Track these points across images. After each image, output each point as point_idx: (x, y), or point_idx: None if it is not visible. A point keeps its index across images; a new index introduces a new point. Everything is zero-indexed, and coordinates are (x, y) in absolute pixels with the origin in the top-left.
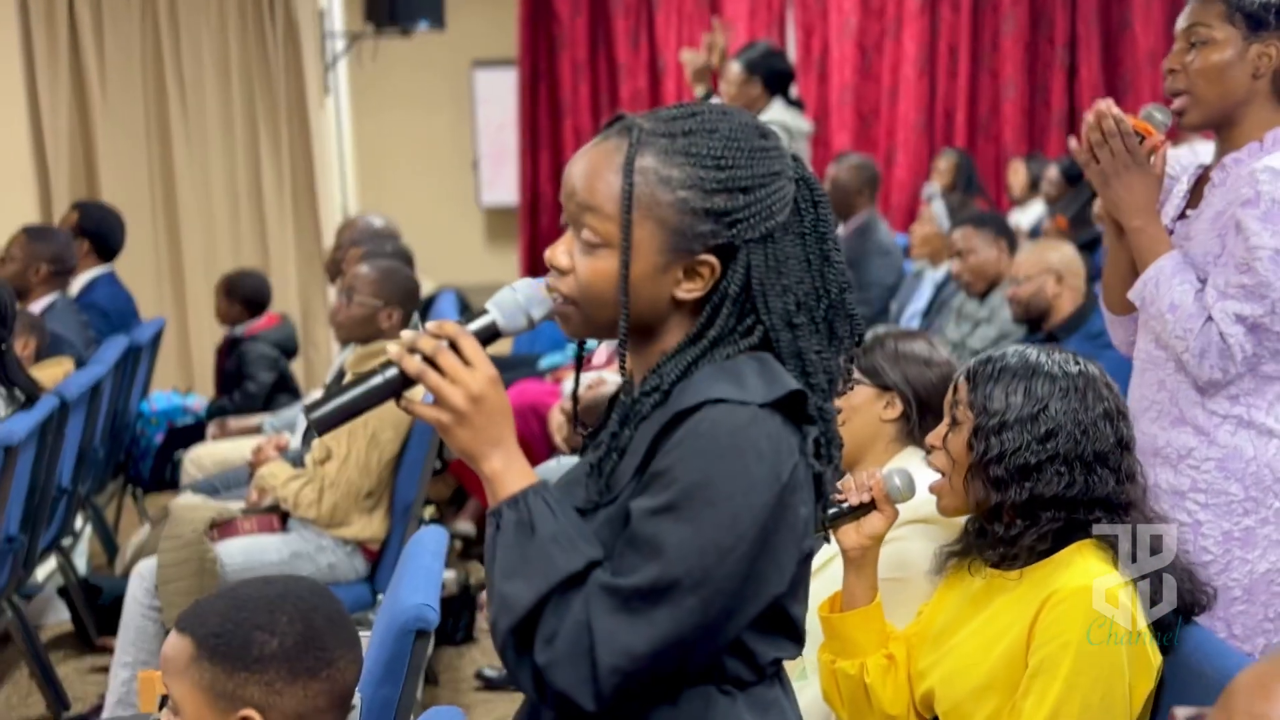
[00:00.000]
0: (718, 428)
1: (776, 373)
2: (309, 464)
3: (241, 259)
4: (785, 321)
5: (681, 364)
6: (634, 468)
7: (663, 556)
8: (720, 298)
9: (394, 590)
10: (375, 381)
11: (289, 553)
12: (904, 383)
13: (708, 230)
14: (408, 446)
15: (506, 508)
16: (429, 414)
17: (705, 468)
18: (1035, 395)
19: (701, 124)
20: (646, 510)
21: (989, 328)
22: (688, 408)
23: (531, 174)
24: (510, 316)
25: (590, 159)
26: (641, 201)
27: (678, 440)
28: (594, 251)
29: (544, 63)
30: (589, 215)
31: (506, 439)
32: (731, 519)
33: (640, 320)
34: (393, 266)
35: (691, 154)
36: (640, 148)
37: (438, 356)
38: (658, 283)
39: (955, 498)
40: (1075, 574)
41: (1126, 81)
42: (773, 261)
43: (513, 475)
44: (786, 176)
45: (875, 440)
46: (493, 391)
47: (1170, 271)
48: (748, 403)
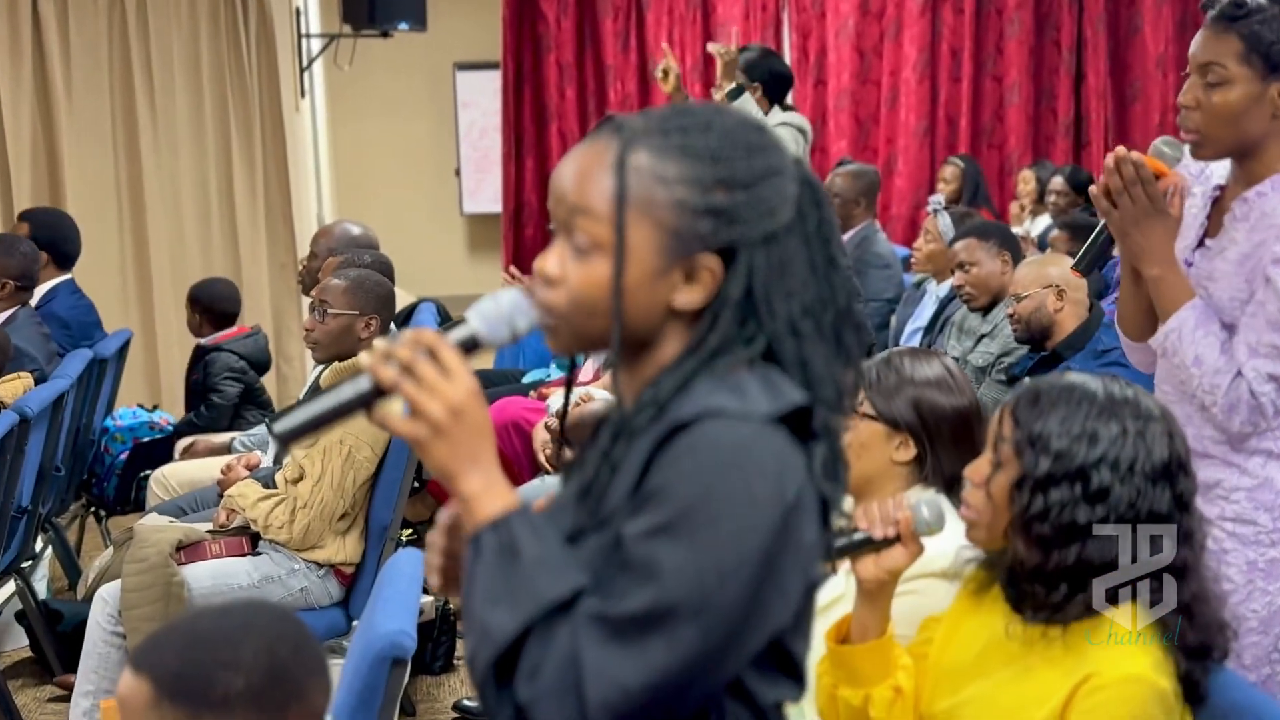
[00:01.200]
0: (718, 441)
1: (781, 385)
2: (281, 483)
3: (212, 269)
4: (789, 328)
5: (680, 376)
6: (628, 487)
7: (658, 580)
8: (721, 303)
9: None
10: (345, 392)
11: (259, 576)
12: (917, 421)
13: (707, 229)
14: (384, 466)
15: (487, 532)
16: (404, 428)
17: (704, 484)
18: (1087, 444)
19: (695, 121)
20: (640, 531)
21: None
22: (685, 421)
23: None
24: (492, 327)
25: (580, 160)
26: (636, 200)
27: (674, 455)
28: (587, 257)
29: (529, 65)
30: (580, 218)
31: (487, 457)
32: (733, 539)
33: (634, 330)
34: (363, 274)
35: (686, 150)
36: (633, 145)
37: (414, 366)
38: (655, 288)
39: (990, 536)
40: (1118, 656)
41: (1136, 88)
42: (776, 264)
43: (493, 496)
44: (788, 175)
45: (884, 478)
46: (473, 405)
47: (1194, 324)
48: (750, 415)
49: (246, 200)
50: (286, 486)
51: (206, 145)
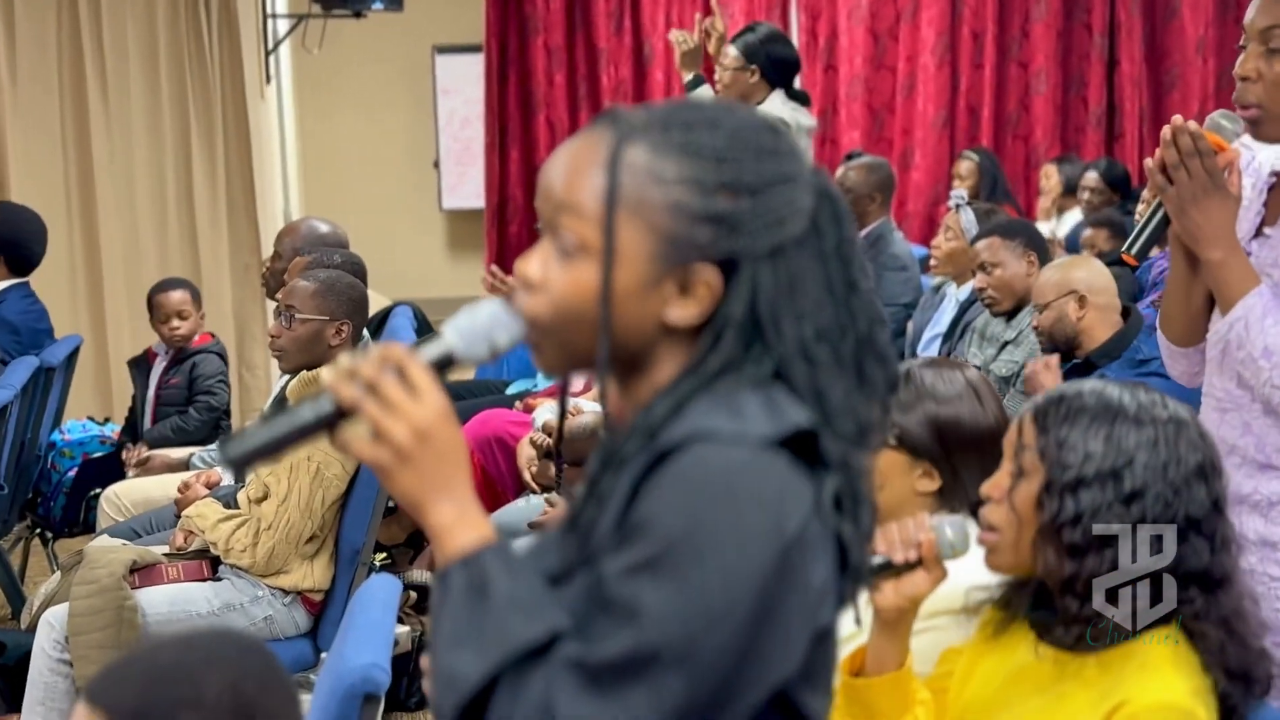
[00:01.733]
0: (707, 468)
1: (784, 405)
2: (243, 503)
3: (169, 269)
4: (801, 352)
5: (675, 399)
6: (613, 520)
7: (639, 622)
8: (724, 322)
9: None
10: (304, 413)
11: (220, 603)
12: (934, 444)
13: (706, 238)
14: (356, 484)
15: (456, 568)
16: (366, 452)
17: (691, 516)
18: (1119, 445)
19: (701, 117)
20: (621, 568)
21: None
22: (672, 445)
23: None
24: (470, 342)
25: (571, 154)
26: (628, 200)
27: (660, 484)
28: (572, 260)
29: (514, 48)
30: (566, 216)
31: (458, 485)
32: (723, 578)
33: (625, 345)
34: (333, 275)
35: (688, 149)
36: (629, 139)
37: (379, 385)
38: (645, 299)
39: (1015, 557)
40: (1152, 681)
41: (1173, 75)
42: (785, 282)
43: (464, 528)
44: (802, 184)
45: (907, 509)
46: (443, 428)
47: (1261, 311)
48: (745, 439)
49: (206, 196)
50: (250, 506)
51: (163, 136)
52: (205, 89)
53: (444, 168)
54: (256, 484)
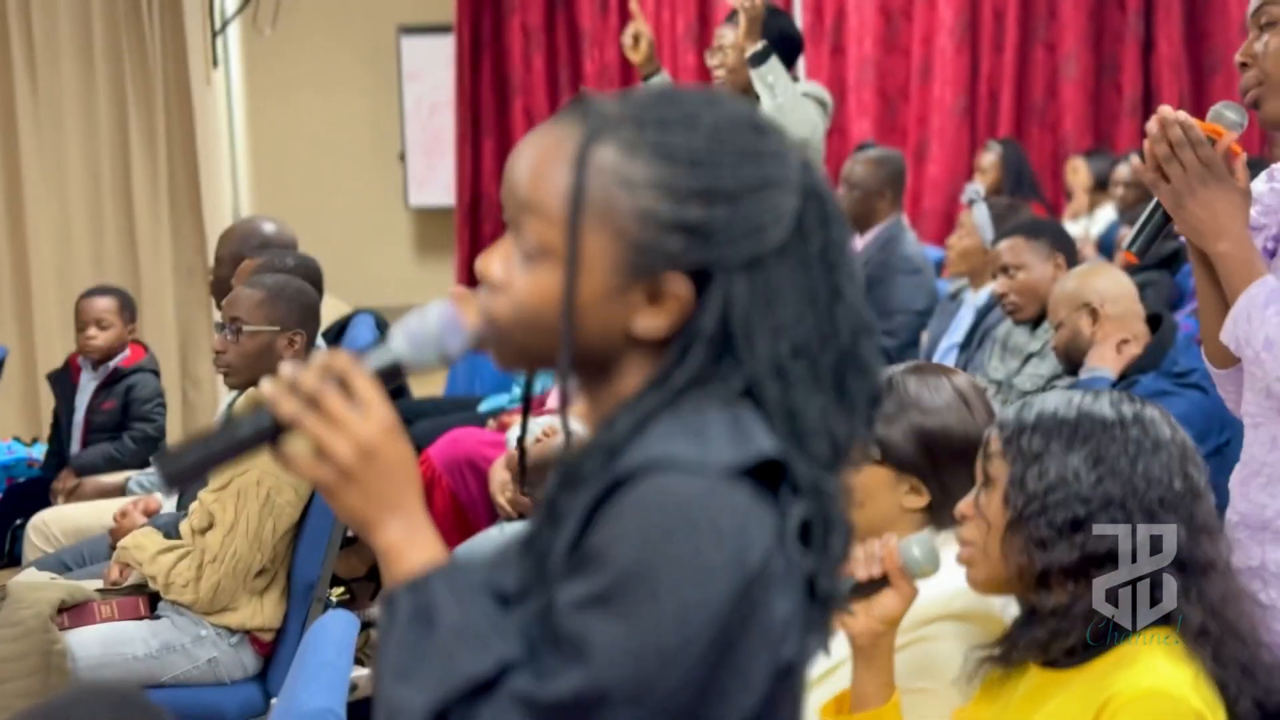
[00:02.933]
0: (664, 498)
1: (752, 432)
2: (185, 533)
3: (104, 273)
4: (773, 370)
5: (636, 416)
6: (569, 542)
7: (589, 660)
8: (691, 335)
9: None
10: (243, 428)
11: (158, 645)
12: (921, 456)
13: (676, 247)
14: (310, 512)
15: (403, 593)
16: (307, 470)
17: (645, 549)
18: (1082, 435)
19: (680, 113)
20: (572, 601)
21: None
22: (629, 472)
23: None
24: (418, 348)
25: (537, 147)
26: (595, 205)
27: (615, 513)
28: (534, 262)
29: (488, 29)
30: (529, 217)
31: (407, 503)
32: (678, 615)
33: (588, 354)
34: (280, 281)
35: (661, 149)
36: (598, 137)
37: (320, 397)
38: (610, 309)
39: (991, 567)
40: (1141, 672)
41: (1215, 58)
42: (761, 295)
43: (414, 550)
44: (786, 187)
45: (893, 526)
46: (388, 443)
47: (1264, 300)
48: (706, 468)
49: (146, 193)
50: (193, 537)
51: (98, 126)
52: (144, 73)
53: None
54: (200, 512)
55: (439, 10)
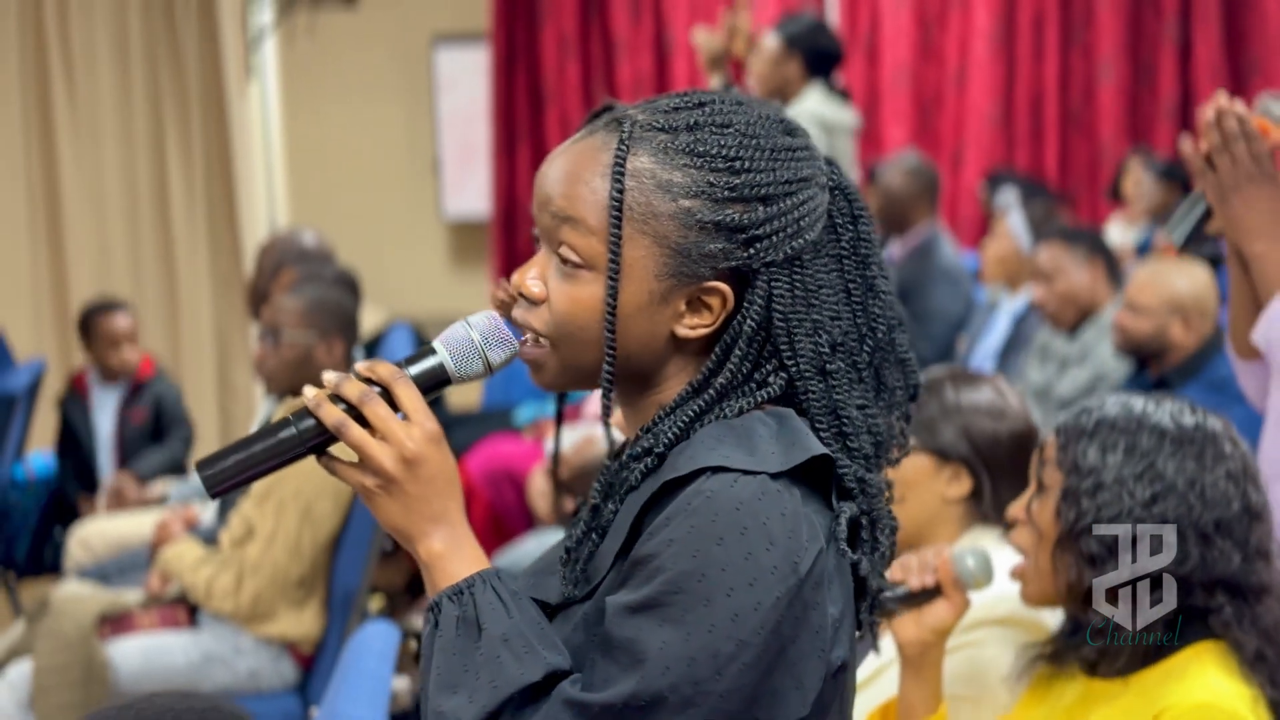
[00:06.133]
0: (716, 503)
1: (798, 433)
2: (225, 544)
3: (142, 286)
4: (816, 367)
5: (680, 421)
6: (615, 551)
7: (643, 666)
8: (733, 336)
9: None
10: (285, 434)
11: (199, 655)
12: (969, 448)
13: (718, 249)
14: (350, 522)
15: (447, 600)
16: (352, 477)
17: (699, 553)
18: (1140, 450)
19: (711, 116)
20: (624, 606)
21: (1081, 370)
22: (679, 476)
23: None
24: (462, 359)
25: (570, 159)
26: (635, 212)
27: (666, 518)
28: (573, 276)
29: (522, 38)
30: (567, 229)
31: (450, 513)
32: (732, 619)
33: (632, 364)
34: (321, 291)
35: (698, 153)
36: (633, 144)
37: (364, 406)
38: (654, 316)
39: (1042, 581)
40: (1193, 686)
41: (1253, 62)
42: (800, 291)
43: (457, 560)
44: (818, 184)
45: (936, 522)
46: (433, 453)
47: None
48: (756, 471)
49: (183, 204)
50: (231, 548)
51: (135, 138)
52: (180, 85)
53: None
54: (240, 522)
55: (473, 20)
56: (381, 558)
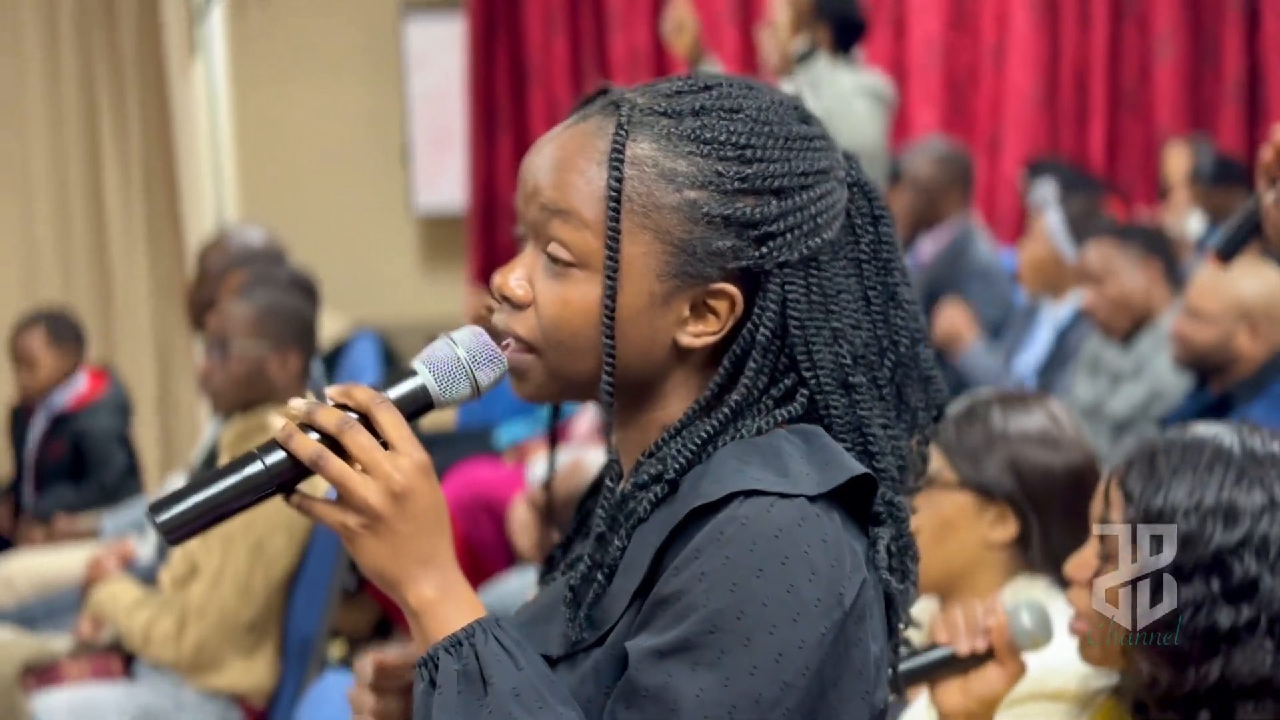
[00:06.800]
0: (753, 530)
1: (831, 452)
2: (165, 584)
3: (73, 290)
4: (839, 380)
5: (692, 442)
6: (631, 591)
7: (677, 715)
8: (744, 346)
9: None
10: (251, 470)
11: (136, 710)
12: (1016, 484)
13: (727, 247)
14: (307, 559)
15: (445, 653)
16: (331, 517)
17: (737, 587)
18: (1232, 517)
19: (718, 100)
20: (652, 651)
21: (1136, 386)
22: (708, 503)
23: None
24: (447, 380)
25: (561, 145)
26: (635, 204)
27: (695, 550)
28: (565, 275)
29: (503, 9)
30: (558, 223)
31: (441, 555)
32: (774, 662)
33: (629, 376)
34: (274, 296)
35: (705, 140)
36: (633, 129)
37: (343, 436)
38: (654, 322)
39: (1104, 654)
40: None
41: None
42: (818, 295)
43: (452, 606)
44: (836, 178)
45: (977, 569)
46: (423, 485)
47: None
48: (794, 494)
49: (119, 196)
50: (173, 589)
51: (65, 124)
52: (116, 62)
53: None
54: (182, 559)
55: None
56: (343, 598)
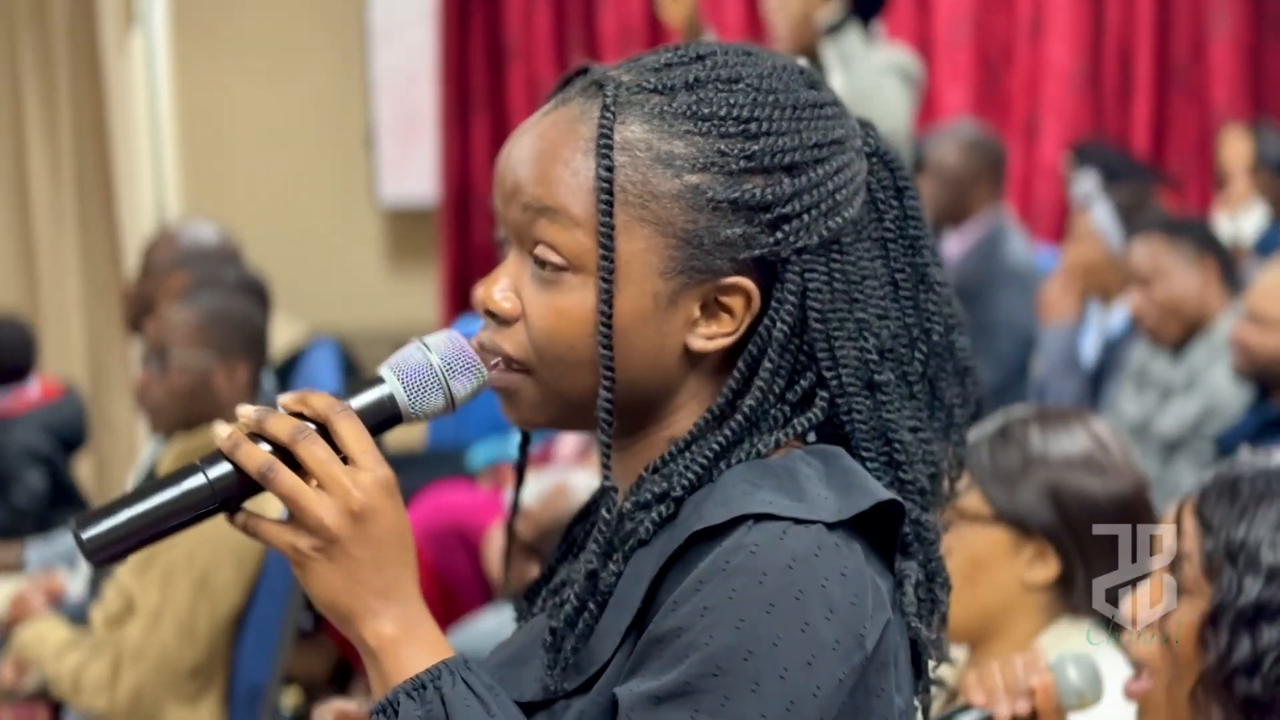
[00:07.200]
0: (763, 559)
1: (853, 474)
2: (98, 623)
3: None
4: (863, 379)
5: (702, 457)
6: (622, 629)
7: None
8: (760, 345)
9: None
10: (192, 484)
11: None
12: (1056, 516)
13: (737, 235)
14: (257, 595)
15: (406, 697)
16: (280, 538)
17: (744, 624)
18: None
19: (714, 71)
20: (646, 696)
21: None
22: (711, 526)
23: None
24: (418, 390)
25: (540, 135)
26: (629, 194)
27: (696, 581)
28: (555, 282)
29: None
30: (544, 223)
31: (404, 586)
32: (786, 710)
33: (635, 390)
34: (219, 300)
35: (703, 116)
36: (620, 111)
37: (297, 446)
38: (661, 326)
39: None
40: None
41: None
42: (841, 283)
43: (414, 645)
44: (853, 148)
45: (1013, 613)
46: (384, 505)
47: None
48: (811, 520)
49: (47, 190)
50: (106, 627)
51: None
52: (44, 37)
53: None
54: (116, 595)
55: None
56: (298, 640)
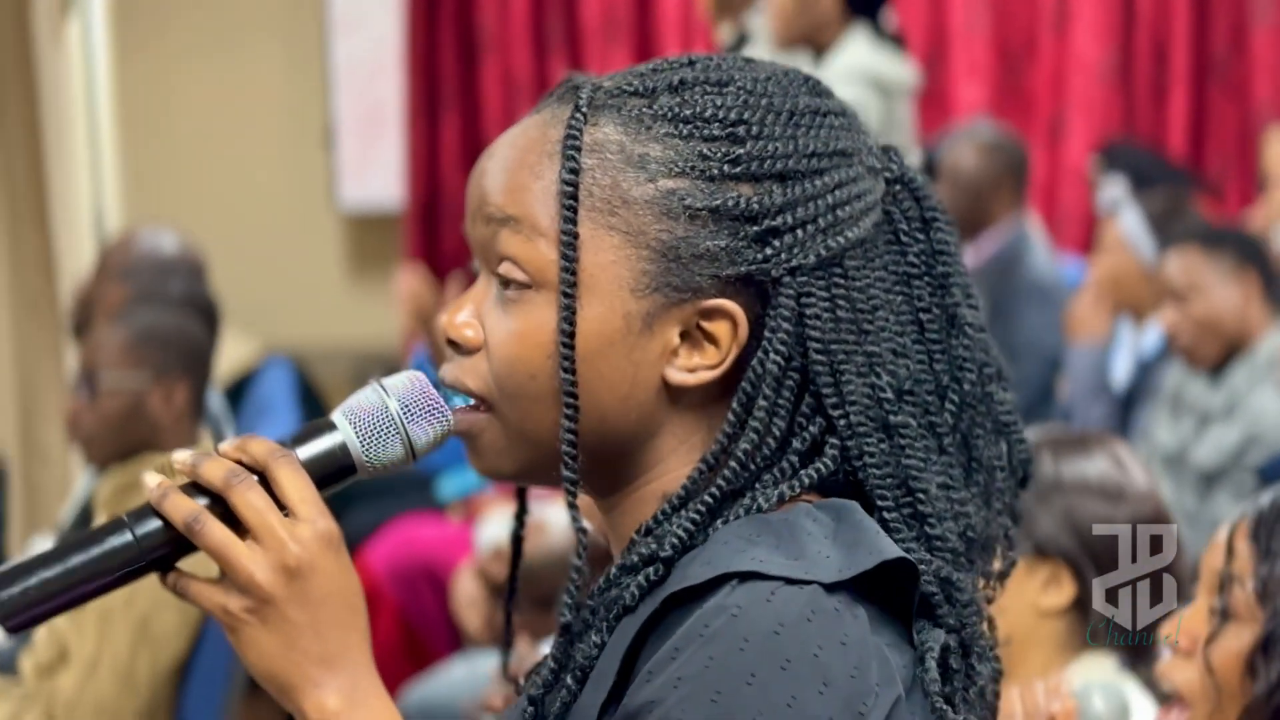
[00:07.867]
0: (745, 624)
1: (863, 530)
2: (28, 672)
3: None
4: (876, 420)
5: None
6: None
7: None
8: (753, 380)
9: None
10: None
11: None
12: (1073, 540)
13: (719, 248)
14: (203, 642)
15: None
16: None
17: (721, 698)
18: None
19: (703, 73)
20: None
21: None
22: (692, 586)
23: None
24: (373, 438)
25: (510, 144)
26: (596, 198)
27: (673, 649)
28: (518, 302)
29: None
30: (507, 235)
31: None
32: None
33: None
34: (154, 316)
35: (685, 118)
36: (594, 113)
37: (231, 493)
38: (633, 353)
39: None
40: None
41: None
42: (845, 309)
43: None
44: (863, 164)
45: (1028, 642)
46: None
47: None
48: (805, 580)
49: None
50: (37, 677)
51: None
52: None
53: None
54: (48, 643)
55: None
56: (247, 690)
